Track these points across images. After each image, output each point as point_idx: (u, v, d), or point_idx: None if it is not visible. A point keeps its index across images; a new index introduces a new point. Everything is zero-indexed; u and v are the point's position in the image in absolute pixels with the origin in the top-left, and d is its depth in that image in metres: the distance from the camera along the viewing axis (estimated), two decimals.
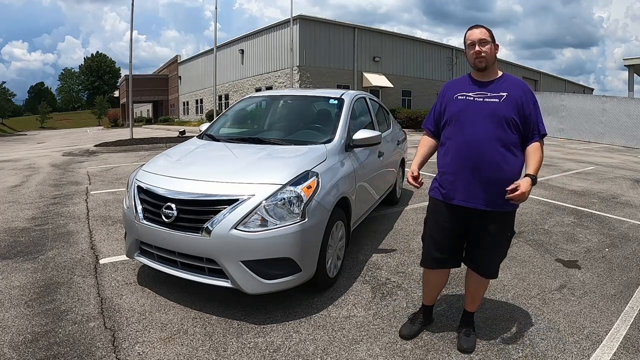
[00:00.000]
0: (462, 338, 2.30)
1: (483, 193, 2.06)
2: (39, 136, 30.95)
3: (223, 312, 2.60)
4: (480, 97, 2.12)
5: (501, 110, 2.05)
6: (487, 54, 2.09)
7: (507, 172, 2.04)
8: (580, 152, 13.12)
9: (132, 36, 15.13)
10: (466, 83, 2.21)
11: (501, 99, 2.08)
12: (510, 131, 2.05)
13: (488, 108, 2.08)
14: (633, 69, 19.68)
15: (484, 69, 2.14)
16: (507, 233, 2.18)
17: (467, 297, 2.38)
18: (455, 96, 2.19)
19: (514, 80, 2.17)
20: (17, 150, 15.40)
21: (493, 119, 2.05)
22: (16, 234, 4.16)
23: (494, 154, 2.04)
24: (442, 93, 2.31)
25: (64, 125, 57.00)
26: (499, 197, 2.02)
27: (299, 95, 4.56)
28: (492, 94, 2.11)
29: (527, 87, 2.16)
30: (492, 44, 2.12)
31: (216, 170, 2.85)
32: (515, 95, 2.08)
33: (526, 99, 2.09)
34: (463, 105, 2.14)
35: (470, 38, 2.12)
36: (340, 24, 24.67)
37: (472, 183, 2.08)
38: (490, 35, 2.12)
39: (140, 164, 3.84)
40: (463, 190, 2.10)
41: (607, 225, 4.74)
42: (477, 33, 2.11)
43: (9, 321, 2.47)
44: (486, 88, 2.14)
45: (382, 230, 4.31)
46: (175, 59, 40.77)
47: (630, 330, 2.47)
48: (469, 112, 2.11)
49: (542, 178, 7.73)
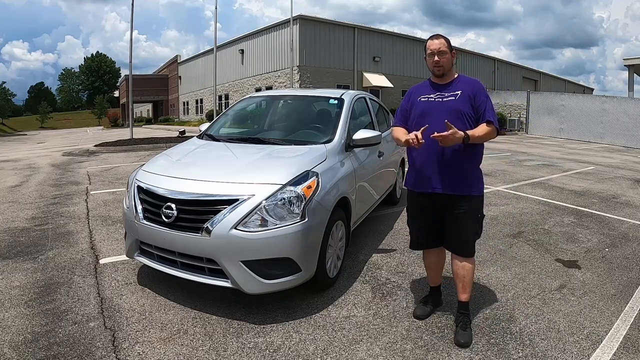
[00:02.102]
0: (459, 332, 2.34)
1: (449, 180, 2.36)
2: (39, 136, 30.95)
3: (223, 312, 2.60)
4: (439, 98, 2.42)
5: (457, 106, 2.36)
6: (444, 63, 2.40)
7: (466, 160, 2.35)
8: (580, 152, 13.12)
9: (132, 36, 15.14)
10: (427, 87, 2.53)
11: (456, 96, 2.38)
12: (468, 123, 2.34)
13: (447, 106, 2.38)
14: (633, 69, 19.68)
15: (442, 75, 2.44)
16: (476, 214, 2.41)
17: (457, 286, 2.48)
18: (418, 98, 2.50)
19: (467, 80, 2.46)
20: (17, 150, 15.40)
21: (451, 114, 2.33)
22: (16, 234, 4.16)
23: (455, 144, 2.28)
24: (408, 95, 2.62)
25: (64, 125, 56.96)
26: (461, 182, 2.36)
27: (299, 95, 4.56)
28: (449, 93, 2.41)
29: (478, 84, 2.45)
30: (449, 53, 2.41)
31: (216, 170, 2.85)
32: (467, 91, 2.38)
33: (477, 93, 2.38)
34: (426, 105, 2.44)
35: (430, 48, 2.42)
36: (340, 24, 24.67)
37: (438, 172, 2.38)
38: (448, 46, 2.41)
39: (140, 164, 3.85)
40: (432, 179, 2.40)
41: (607, 225, 4.74)
42: (437, 44, 2.40)
43: (9, 321, 2.47)
44: (444, 90, 2.44)
45: (382, 230, 4.31)
46: (175, 58, 40.77)
47: (630, 330, 2.47)
48: (430, 111, 2.41)
49: (542, 178, 7.74)
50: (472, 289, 2.53)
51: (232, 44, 29.03)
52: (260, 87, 25.25)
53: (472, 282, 2.49)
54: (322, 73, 23.26)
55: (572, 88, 42.69)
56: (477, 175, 2.43)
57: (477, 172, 2.43)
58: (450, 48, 2.42)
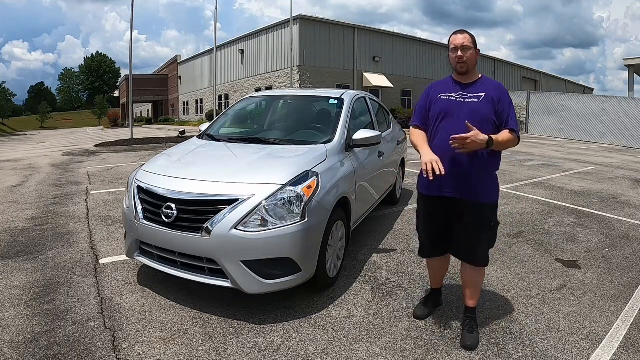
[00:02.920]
0: (466, 335, 2.31)
1: (464, 185, 2.24)
2: (39, 136, 30.95)
3: (223, 312, 2.60)
4: (461, 98, 2.30)
5: (479, 109, 2.24)
6: (469, 59, 2.26)
7: (483, 165, 2.24)
8: (580, 152, 13.12)
9: (132, 36, 15.14)
10: (449, 84, 2.38)
11: (480, 98, 2.26)
12: (488, 128, 2.20)
13: (468, 107, 2.26)
14: (633, 69, 19.67)
15: (465, 73, 2.30)
16: (490, 222, 2.31)
17: (466, 292, 2.43)
18: (439, 96, 2.36)
19: (491, 83, 2.34)
20: (17, 150, 15.40)
21: (472, 117, 2.20)
22: (16, 234, 4.16)
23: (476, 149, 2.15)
24: (427, 92, 2.48)
25: (64, 125, 56.97)
26: (478, 189, 2.24)
27: (299, 95, 4.56)
28: (472, 94, 2.28)
29: (503, 88, 2.33)
30: (474, 49, 2.27)
31: (216, 170, 2.85)
32: (492, 95, 2.26)
33: (501, 98, 2.25)
34: (446, 104, 2.32)
35: (453, 43, 2.28)
36: (340, 24, 24.66)
37: (453, 175, 2.23)
38: (473, 42, 2.27)
39: (140, 164, 3.85)
40: (445, 182, 2.26)
41: (607, 225, 4.74)
42: (460, 39, 2.26)
43: (9, 321, 2.47)
44: (467, 89, 2.31)
45: (382, 230, 4.31)
46: (175, 58, 40.77)
47: (630, 330, 2.47)
48: (451, 111, 2.29)
49: (542, 178, 7.74)
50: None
51: (232, 44, 29.03)
52: (260, 87, 25.25)
53: (480, 288, 2.46)
54: (322, 73, 23.26)
55: (572, 88, 42.68)
56: (493, 181, 2.31)
57: (493, 178, 2.32)
58: (475, 44, 2.29)
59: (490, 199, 2.30)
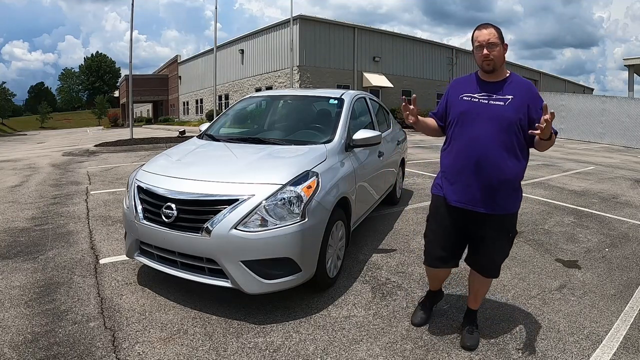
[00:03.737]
0: (466, 336, 2.31)
1: (484, 196, 2.05)
2: (39, 136, 30.95)
3: (223, 312, 2.60)
4: (485, 99, 2.08)
5: (506, 113, 2.02)
6: (496, 57, 2.03)
7: (507, 175, 2.04)
8: (580, 152, 13.12)
9: (132, 36, 15.14)
10: (472, 83, 2.17)
11: (506, 102, 2.04)
12: (514, 134, 2.03)
13: (492, 110, 2.05)
14: (633, 69, 19.69)
15: (492, 72, 2.09)
16: (509, 234, 2.18)
17: (470, 295, 2.41)
18: (460, 96, 2.17)
19: (521, 82, 2.12)
20: (17, 150, 15.40)
21: (497, 122, 2.02)
22: (16, 234, 4.16)
23: (495, 156, 2.02)
24: (447, 91, 2.30)
25: (64, 125, 56.96)
26: (500, 200, 2.05)
27: (299, 95, 4.56)
28: (498, 96, 2.06)
29: (534, 90, 2.11)
30: (501, 45, 2.05)
31: (216, 170, 2.85)
32: (521, 98, 2.04)
33: (533, 103, 2.04)
34: (467, 106, 2.12)
35: (478, 40, 2.05)
36: (340, 24, 24.66)
37: (473, 185, 2.06)
38: (499, 36, 2.04)
39: (141, 164, 3.84)
40: (464, 192, 2.10)
41: (607, 225, 4.73)
42: (486, 34, 2.03)
43: (9, 321, 2.47)
44: (492, 90, 2.09)
45: (382, 230, 4.31)
46: (175, 58, 40.76)
47: (630, 330, 2.47)
48: (473, 114, 2.08)
49: (542, 178, 7.73)
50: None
51: (232, 44, 29.03)
52: (260, 87, 25.25)
53: (485, 293, 2.44)
54: (322, 73, 23.26)
55: (572, 88, 42.69)
56: (518, 190, 2.13)
57: (519, 187, 2.14)
58: (502, 39, 2.05)
59: (516, 209, 2.15)
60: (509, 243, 2.21)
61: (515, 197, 2.13)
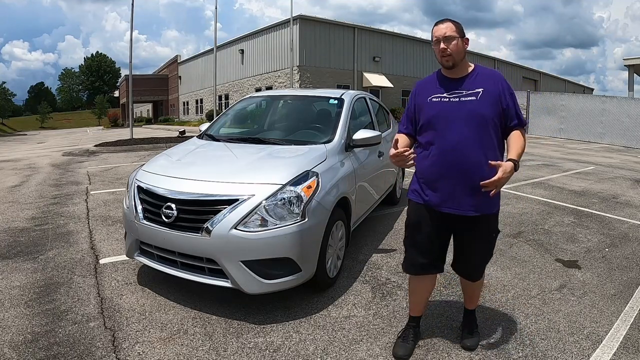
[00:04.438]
0: (466, 336, 2.31)
1: (468, 198, 1.99)
2: (39, 136, 30.95)
3: (223, 312, 2.60)
4: (455, 97, 2.01)
5: (479, 109, 1.96)
6: (454, 51, 1.97)
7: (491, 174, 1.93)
8: (580, 152, 13.12)
9: (132, 36, 15.14)
10: (438, 82, 2.09)
11: (478, 95, 1.98)
12: (491, 128, 1.98)
13: (466, 108, 1.98)
14: (633, 69, 19.67)
15: (452, 67, 2.02)
16: (492, 234, 2.14)
17: (465, 297, 2.41)
18: (429, 98, 2.08)
19: (487, 73, 2.07)
20: (17, 150, 15.40)
21: (472, 120, 1.96)
22: (16, 234, 4.16)
23: (478, 155, 1.96)
24: (413, 94, 2.19)
25: (64, 125, 56.96)
26: (484, 201, 1.98)
27: (299, 95, 4.56)
28: (468, 91, 2.00)
29: (502, 78, 2.06)
30: (460, 39, 1.99)
31: (216, 170, 2.85)
32: (491, 89, 1.99)
33: (502, 91, 2.00)
34: (439, 108, 2.03)
35: (435, 34, 2.00)
36: (340, 24, 24.67)
37: (457, 189, 1.99)
38: (458, 30, 1.99)
39: (141, 164, 3.85)
40: (448, 197, 2.02)
41: (607, 225, 4.74)
42: (442, 28, 1.98)
43: (9, 321, 2.47)
44: (460, 86, 2.02)
45: (382, 230, 4.31)
46: (175, 58, 40.78)
47: (630, 330, 2.47)
48: (446, 115, 2.00)
49: (542, 178, 7.73)
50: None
51: (232, 44, 29.04)
52: (260, 87, 25.26)
53: (480, 293, 2.43)
54: (322, 73, 23.26)
55: (572, 88, 42.70)
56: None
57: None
58: (461, 33, 2.00)
59: (497, 208, 2.10)
60: (493, 243, 2.18)
61: (498, 195, 2.02)
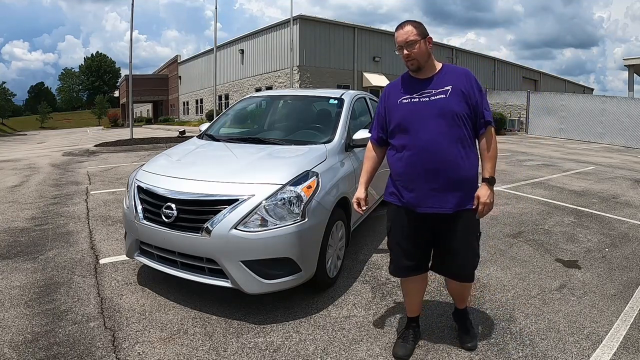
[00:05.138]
0: (462, 336, 2.31)
1: (447, 195, 1.99)
2: (39, 136, 30.94)
3: (223, 312, 2.60)
4: (425, 97, 2.01)
5: (449, 106, 1.97)
6: (417, 55, 1.98)
7: (467, 170, 2.00)
8: (580, 152, 13.12)
9: (132, 36, 15.15)
10: (407, 84, 2.09)
11: (447, 93, 1.98)
12: (463, 125, 1.98)
13: (436, 106, 1.98)
14: (633, 69, 19.68)
15: (418, 70, 2.04)
16: (475, 233, 2.10)
17: (454, 299, 2.40)
18: (399, 101, 2.08)
19: (455, 70, 2.07)
20: (17, 150, 15.40)
21: (444, 117, 1.96)
22: (16, 234, 4.16)
23: (452, 153, 1.96)
24: (383, 97, 2.20)
25: (64, 125, 56.94)
26: (463, 197, 2.00)
27: (299, 95, 4.56)
28: (437, 90, 2.00)
29: (470, 74, 2.06)
30: (422, 40, 1.98)
31: (216, 170, 2.85)
32: (459, 85, 1.99)
33: (470, 87, 2.00)
34: (410, 108, 2.03)
35: (397, 41, 2.01)
36: (340, 24, 24.68)
37: (431, 188, 1.99)
38: (419, 32, 1.98)
39: (141, 164, 3.85)
40: (425, 196, 2.01)
41: (607, 225, 4.74)
42: (403, 34, 1.98)
43: (9, 321, 2.47)
44: (429, 86, 2.03)
45: (382, 230, 4.31)
46: (175, 58, 40.78)
47: (630, 330, 2.47)
48: (418, 115, 2.00)
49: (542, 178, 7.74)
50: (472, 288, 2.52)
51: (232, 44, 29.04)
52: (260, 87, 25.26)
53: (469, 293, 2.43)
54: (322, 73, 23.26)
55: (572, 88, 42.69)
56: (473, 184, 2.04)
57: (474, 180, 2.05)
58: (423, 34, 1.99)
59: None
60: (477, 243, 2.13)
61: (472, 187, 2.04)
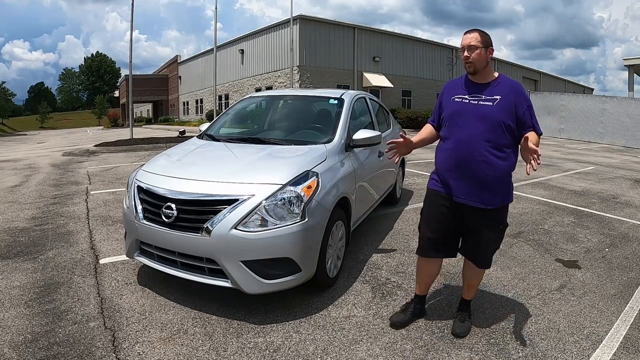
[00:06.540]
0: (457, 324, 2.42)
1: (474, 191, 2.19)
2: (39, 136, 30.95)
3: (223, 312, 2.60)
4: (475, 100, 2.22)
5: (494, 114, 2.15)
6: (475, 60, 2.17)
7: (495, 172, 2.16)
8: (580, 152, 13.12)
9: (132, 36, 15.14)
10: (463, 85, 2.31)
11: (495, 102, 2.17)
12: (502, 133, 2.15)
13: (481, 111, 2.18)
14: (633, 69, 19.68)
15: (474, 74, 2.23)
16: (499, 227, 2.30)
17: (464, 285, 2.51)
18: (452, 98, 2.30)
19: (509, 83, 2.24)
20: (17, 150, 15.40)
21: (485, 122, 2.15)
22: (16, 234, 4.16)
23: (483, 154, 2.15)
24: (441, 92, 2.44)
25: (64, 125, 56.95)
26: (489, 196, 2.18)
27: (299, 95, 4.56)
28: (487, 97, 2.20)
29: (521, 89, 2.23)
30: (483, 48, 2.17)
31: (216, 170, 2.85)
32: (508, 98, 2.17)
33: (519, 102, 2.17)
34: (458, 107, 2.26)
35: (461, 43, 2.22)
36: (340, 24, 24.66)
37: (463, 180, 2.21)
38: (482, 40, 2.18)
39: (140, 164, 3.85)
40: (455, 187, 2.24)
41: (607, 225, 4.74)
42: (468, 38, 2.19)
43: (9, 321, 2.47)
44: (481, 91, 2.23)
45: (382, 230, 4.31)
46: (176, 58, 40.77)
47: (630, 330, 2.47)
48: (463, 114, 2.22)
49: (542, 178, 7.73)
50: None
51: (232, 44, 29.03)
52: (260, 87, 25.25)
53: (479, 283, 2.56)
54: (322, 73, 23.26)
55: (572, 88, 42.69)
56: (507, 185, 2.24)
57: (508, 181, 2.24)
58: (486, 43, 2.18)
59: (506, 202, 2.27)
60: (500, 235, 2.34)
61: (506, 191, 2.24)
